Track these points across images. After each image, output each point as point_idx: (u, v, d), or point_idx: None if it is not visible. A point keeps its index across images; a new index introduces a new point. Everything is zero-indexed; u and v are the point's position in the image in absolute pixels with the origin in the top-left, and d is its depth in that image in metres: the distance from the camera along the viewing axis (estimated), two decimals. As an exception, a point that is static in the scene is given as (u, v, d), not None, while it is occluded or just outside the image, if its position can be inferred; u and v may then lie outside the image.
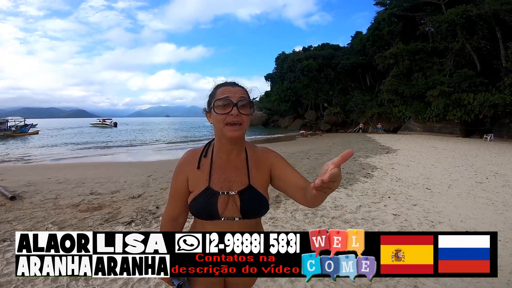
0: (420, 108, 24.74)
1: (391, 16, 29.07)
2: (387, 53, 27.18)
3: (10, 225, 3.52)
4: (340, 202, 4.57)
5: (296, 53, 42.04)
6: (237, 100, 0.97)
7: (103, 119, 56.85)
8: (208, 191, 1.04)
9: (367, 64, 32.10)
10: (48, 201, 4.74)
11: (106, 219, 3.74)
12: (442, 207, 4.43)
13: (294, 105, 40.22)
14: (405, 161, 9.17)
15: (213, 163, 1.08)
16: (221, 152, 1.08)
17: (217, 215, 1.03)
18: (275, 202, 4.51)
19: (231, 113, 0.96)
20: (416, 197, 5.00)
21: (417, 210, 4.27)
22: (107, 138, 28.41)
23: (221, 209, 1.03)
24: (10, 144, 21.39)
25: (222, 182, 1.05)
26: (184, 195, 1.10)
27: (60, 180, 6.61)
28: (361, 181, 6.14)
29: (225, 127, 0.98)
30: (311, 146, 14.75)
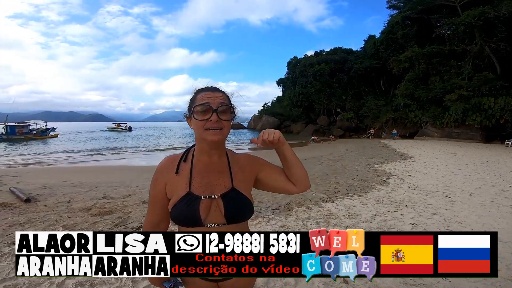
0: (437, 113, 24.03)
1: (405, 19, 28.48)
2: (402, 56, 26.58)
3: (21, 227, 3.59)
4: (354, 211, 4.41)
5: (308, 58, 41.84)
6: (217, 106, 0.96)
7: (118, 123, 58.46)
8: (189, 196, 0.99)
9: (381, 68, 31.50)
10: (61, 204, 4.81)
11: (116, 224, 3.74)
12: (463, 216, 4.21)
13: (306, 110, 39.87)
14: (423, 168, 8.84)
15: (193, 168, 1.04)
16: (202, 156, 1.05)
17: (200, 221, 0.97)
18: (286, 210, 4.40)
19: (210, 119, 0.95)
20: (436, 205, 4.77)
21: (437, 219, 4.07)
22: (122, 142, 29.05)
23: (204, 215, 0.98)
24: (30, 147, 22.26)
25: (203, 186, 1.01)
26: (163, 201, 1.06)
27: (75, 183, 6.74)
28: (376, 189, 5.93)
29: (205, 132, 0.96)
30: (323, 152, 14.51)
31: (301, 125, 40.76)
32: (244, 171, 1.09)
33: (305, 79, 38.03)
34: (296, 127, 41.58)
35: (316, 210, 4.42)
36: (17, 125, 30.30)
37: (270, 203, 4.78)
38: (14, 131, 28.98)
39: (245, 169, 1.09)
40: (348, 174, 7.68)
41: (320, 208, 4.55)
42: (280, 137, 1.01)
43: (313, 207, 4.57)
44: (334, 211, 4.38)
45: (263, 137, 0.98)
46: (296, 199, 4.99)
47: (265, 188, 1.14)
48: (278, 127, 44.94)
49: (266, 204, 4.73)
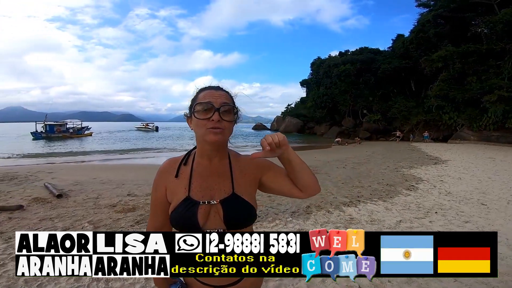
0: (474, 115, 22.44)
1: (437, 18, 26.98)
2: (435, 56, 25.14)
3: (51, 222, 3.81)
4: (378, 216, 4.20)
5: (332, 58, 41.02)
6: (220, 105, 0.91)
7: (146, 123, 60.99)
8: (188, 201, 0.96)
9: (411, 68, 30.04)
10: (89, 200, 5.07)
11: (137, 221, 3.86)
12: (499, 225, 3.88)
13: (331, 111, 39.03)
14: (457, 173, 8.26)
15: (193, 171, 1.00)
16: (202, 158, 1.01)
17: (198, 227, 0.94)
18: (305, 213, 4.30)
19: (212, 119, 0.90)
20: (469, 213, 4.43)
21: (469, 228, 3.79)
22: (150, 141, 30.19)
23: (202, 221, 0.94)
24: (66, 145, 23.85)
25: (203, 190, 0.98)
26: (164, 205, 1.03)
27: (103, 180, 7.08)
28: (403, 194, 5.63)
29: (206, 131, 0.91)
30: (348, 155, 14.08)
31: (325, 126, 40.00)
32: (245, 174, 1.03)
33: (330, 80, 37.27)
34: (320, 128, 40.88)
35: (336, 214, 4.27)
36: (55, 124, 32.66)
37: (289, 205, 4.70)
38: (53, 129, 31.26)
39: (247, 172, 1.04)
40: (373, 178, 7.37)
41: (340, 212, 4.39)
42: (285, 138, 0.93)
43: (334, 211, 4.42)
44: (356, 216, 4.20)
45: (268, 141, 0.90)
46: (316, 202, 4.86)
47: (270, 192, 1.07)
48: (302, 129, 44.42)
49: (285, 206, 4.65)
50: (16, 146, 22.53)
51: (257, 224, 3.77)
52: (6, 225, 3.64)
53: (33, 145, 23.69)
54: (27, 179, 6.85)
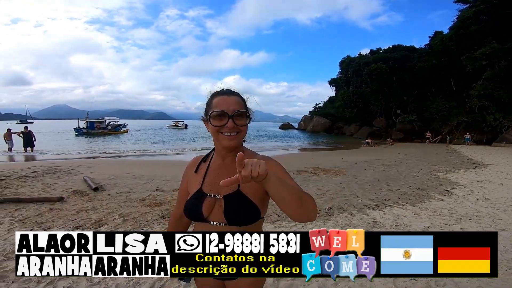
0: (523, 117, 20.37)
1: (479, 14, 24.85)
2: (478, 53, 23.28)
3: (87, 213, 4.13)
4: (404, 221, 4.01)
5: (362, 56, 39.45)
6: (232, 113, 0.98)
7: (177, 121, 63.21)
8: (198, 193, 1.07)
9: (451, 66, 27.95)
10: (122, 194, 5.40)
11: (162, 215, 4.05)
12: (540, 235, 3.51)
13: (361, 111, 37.59)
14: (499, 179, 7.59)
15: (209, 168, 1.12)
16: (218, 157, 1.11)
17: (202, 217, 1.03)
18: (326, 215, 4.23)
19: (226, 126, 0.98)
20: (507, 221, 4.10)
21: (504, 236, 3.50)
22: (180, 139, 31.29)
23: (206, 212, 1.03)
24: (105, 141, 25.54)
25: (212, 185, 1.07)
26: (185, 196, 1.15)
27: (136, 175, 7.48)
28: (435, 199, 5.31)
29: (221, 135, 1.00)
30: (378, 157, 13.49)
31: (355, 127, 38.68)
32: None
33: (360, 78, 35.93)
34: (349, 129, 39.62)
35: (359, 217, 4.14)
36: (95, 121, 35.09)
37: (311, 206, 4.64)
38: (93, 126, 33.60)
39: None
40: (403, 181, 7.02)
41: (364, 215, 4.25)
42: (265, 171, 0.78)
43: (357, 214, 4.29)
44: (380, 220, 4.04)
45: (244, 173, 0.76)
46: (339, 204, 4.75)
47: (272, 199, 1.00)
48: (330, 129, 43.33)
49: (307, 207, 4.60)
50: (61, 141, 24.57)
51: (276, 224, 3.79)
52: (47, 216, 3.99)
53: (76, 141, 25.70)
54: (68, 173, 7.45)
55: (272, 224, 3.76)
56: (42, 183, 6.10)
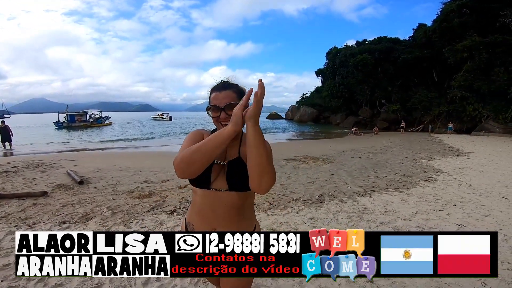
0: (500, 107, 21.37)
1: (462, 8, 25.45)
2: (460, 45, 23.93)
3: (73, 207, 3.99)
4: (392, 207, 4.12)
5: (348, 48, 39.65)
6: (224, 105, 1.09)
7: (161, 113, 62.23)
8: None
9: (434, 58, 28.66)
10: (109, 186, 5.26)
11: (152, 207, 3.98)
12: (520, 220, 3.69)
13: (347, 101, 38.13)
14: (479, 166, 7.92)
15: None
16: None
17: (209, 183, 1.08)
18: (317, 202, 4.29)
19: (220, 117, 1.10)
20: (490, 206, 4.26)
21: (489, 222, 3.64)
22: (166, 130, 30.75)
23: (213, 177, 1.09)
24: (87, 134, 24.73)
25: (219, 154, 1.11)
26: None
27: (122, 167, 7.30)
28: (421, 185, 5.47)
29: (219, 125, 1.12)
30: (364, 145, 13.78)
31: (341, 116, 39.28)
32: None
33: (346, 69, 36.23)
34: (336, 118, 40.20)
35: (349, 204, 4.22)
36: (76, 114, 33.87)
37: (301, 193, 4.70)
38: (74, 119, 32.45)
39: None
40: (390, 169, 7.20)
41: (354, 202, 4.33)
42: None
43: (347, 201, 4.37)
44: (370, 206, 4.14)
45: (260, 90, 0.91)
46: (329, 191, 4.83)
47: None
48: (317, 118, 43.80)
49: (298, 194, 4.65)
50: (41, 135, 23.60)
51: (268, 212, 3.80)
52: (31, 211, 3.83)
53: (56, 134, 24.74)
54: (51, 167, 7.17)
55: (264, 212, 3.78)
56: (23, 178, 5.85)
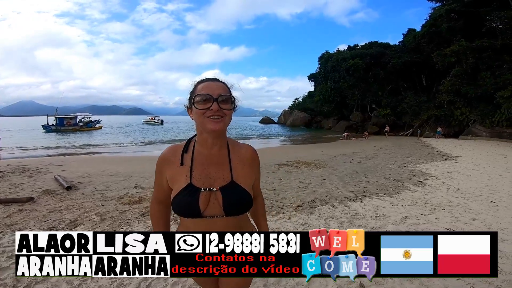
0: (487, 111, 21.94)
1: (450, 12, 26.20)
2: (448, 50, 24.54)
3: (60, 214, 3.89)
4: (383, 212, 4.16)
5: (340, 52, 40.31)
6: (217, 96, 0.96)
7: (152, 116, 61.78)
8: (190, 188, 1.00)
9: (423, 62, 29.38)
10: (98, 192, 5.15)
11: (142, 213, 3.91)
12: (507, 223, 3.81)
13: (339, 106, 38.62)
14: (467, 170, 8.10)
15: (194, 159, 1.04)
16: (202, 148, 1.05)
17: (199, 212, 0.98)
18: (309, 207, 4.30)
19: (211, 108, 0.95)
20: (477, 210, 4.35)
21: (476, 225, 3.72)
22: (157, 135, 30.45)
23: (203, 207, 0.99)
24: (77, 138, 24.26)
25: (203, 178, 1.02)
26: (167, 187, 1.09)
27: (112, 173, 7.17)
28: (410, 190, 5.55)
29: (206, 119, 0.96)
30: (355, 149, 13.93)
31: (333, 121, 39.72)
32: (244, 165, 1.08)
33: (338, 74, 36.75)
34: (328, 122, 40.61)
35: (341, 209, 4.25)
36: (65, 117, 33.21)
37: (293, 199, 4.69)
38: (63, 122, 31.81)
39: (246, 163, 1.09)
40: (380, 173, 7.29)
41: (345, 207, 4.36)
42: None
43: (338, 206, 4.40)
44: (361, 211, 4.17)
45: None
46: (321, 197, 4.84)
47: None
48: (309, 123, 44.15)
49: (290, 200, 4.65)
50: (28, 139, 23.04)
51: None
52: (16, 217, 3.72)
53: (44, 138, 24.20)
54: (38, 172, 6.99)
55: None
56: (9, 183, 5.68)
